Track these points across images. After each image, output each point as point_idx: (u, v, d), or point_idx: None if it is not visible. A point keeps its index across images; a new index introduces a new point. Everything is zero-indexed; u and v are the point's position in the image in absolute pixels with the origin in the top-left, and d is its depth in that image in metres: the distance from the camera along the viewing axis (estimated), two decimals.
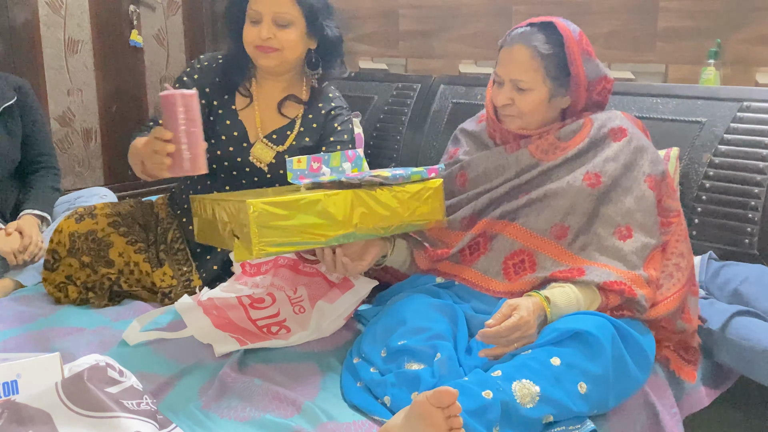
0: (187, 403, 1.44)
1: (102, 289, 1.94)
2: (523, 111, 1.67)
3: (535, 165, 1.69)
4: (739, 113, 2.02)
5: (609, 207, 1.61)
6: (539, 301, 1.49)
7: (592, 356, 1.37)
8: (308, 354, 1.64)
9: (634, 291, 1.52)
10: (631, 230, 1.59)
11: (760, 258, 1.95)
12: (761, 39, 2.07)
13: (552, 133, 1.70)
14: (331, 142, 2.03)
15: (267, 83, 2.05)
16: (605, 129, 1.67)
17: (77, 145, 3.38)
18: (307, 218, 1.53)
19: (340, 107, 2.08)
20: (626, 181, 1.62)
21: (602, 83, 1.70)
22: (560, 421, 1.35)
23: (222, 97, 2.03)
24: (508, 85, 1.67)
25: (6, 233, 2.14)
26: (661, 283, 1.61)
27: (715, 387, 1.76)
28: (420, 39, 2.86)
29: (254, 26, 1.93)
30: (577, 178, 1.63)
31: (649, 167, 1.64)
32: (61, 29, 3.24)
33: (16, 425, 1.07)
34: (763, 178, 1.94)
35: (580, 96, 1.68)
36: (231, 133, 2.01)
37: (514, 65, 1.65)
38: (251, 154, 2.00)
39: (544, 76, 1.64)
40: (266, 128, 2.03)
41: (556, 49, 1.63)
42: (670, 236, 1.65)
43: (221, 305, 1.79)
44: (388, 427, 1.26)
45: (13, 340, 1.72)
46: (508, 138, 1.75)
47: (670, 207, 1.67)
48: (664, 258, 1.63)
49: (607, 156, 1.64)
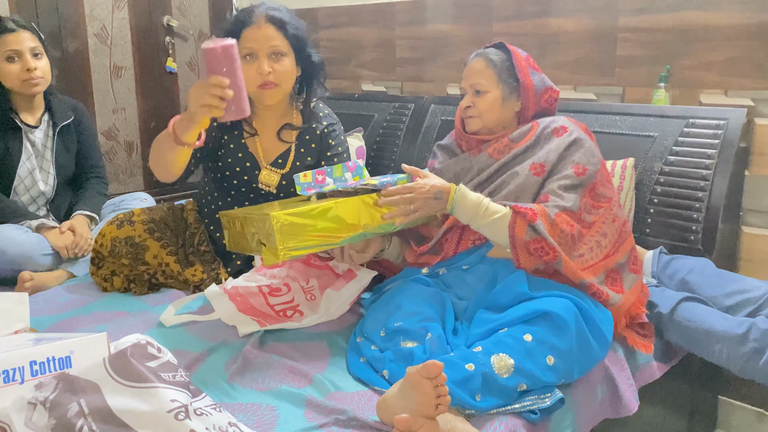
0: (215, 375, 1.45)
1: (141, 281, 1.94)
2: (482, 110, 1.73)
3: (492, 163, 1.73)
4: (685, 129, 2.02)
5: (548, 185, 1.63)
6: (450, 186, 1.57)
7: (559, 333, 1.37)
8: (318, 334, 1.64)
9: (535, 218, 1.52)
10: (548, 197, 1.61)
11: (704, 252, 1.95)
12: (704, 65, 2.07)
13: (507, 137, 1.74)
14: (329, 156, 2.00)
15: (265, 115, 1.98)
16: (549, 129, 1.70)
17: (121, 156, 3.38)
18: (322, 224, 1.54)
19: (331, 124, 2.03)
20: (559, 168, 1.65)
21: (548, 92, 1.76)
22: (533, 390, 1.36)
23: (232, 133, 1.97)
24: (469, 92, 1.74)
25: (60, 231, 2.14)
26: (582, 253, 1.59)
27: (665, 362, 1.76)
28: (414, 65, 2.87)
29: (251, 63, 1.84)
30: (524, 168, 1.66)
31: (580, 157, 1.64)
32: (107, 57, 3.24)
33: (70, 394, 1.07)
34: (706, 184, 1.94)
35: (529, 101, 1.73)
36: (243, 163, 1.96)
37: (472, 74, 1.74)
38: (259, 181, 1.96)
39: (497, 80, 1.71)
40: (270, 156, 1.98)
41: (505, 60, 1.73)
42: (597, 217, 1.64)
43: (244, 293, 1.79)
44: (386, 396, 1.27)
45: (66, 322, 1.73)
46: (472, 144, 1.79)
47: (603, 194, 1.67)
48: (589, 234, 1.62)
49: (550, 148, 1.67)
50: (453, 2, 2.67)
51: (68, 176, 2.38)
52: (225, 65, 1.40)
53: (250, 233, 1.61)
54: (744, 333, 1.61)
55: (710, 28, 2.05)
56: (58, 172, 2.32)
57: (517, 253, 1.55)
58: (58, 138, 2.31)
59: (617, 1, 2.23)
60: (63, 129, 2.33)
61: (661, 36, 2.15)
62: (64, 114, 2.34)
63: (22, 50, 2.16)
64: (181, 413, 1.07)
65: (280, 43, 1.86)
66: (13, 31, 2.15)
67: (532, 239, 1.52)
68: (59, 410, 1.05)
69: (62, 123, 2.32)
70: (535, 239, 1.52)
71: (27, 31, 2.19)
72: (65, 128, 2.33)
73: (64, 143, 2.34)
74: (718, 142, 1.95)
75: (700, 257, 1.92)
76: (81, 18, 3.13)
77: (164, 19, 3.39)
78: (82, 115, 2.42)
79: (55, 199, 2.35)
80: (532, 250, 1.53)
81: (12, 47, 2.15)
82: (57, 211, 2.35)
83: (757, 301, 1.73)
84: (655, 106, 2.13)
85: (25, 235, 2.11)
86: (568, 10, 2.35)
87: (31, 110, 2.29)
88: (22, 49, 2.16)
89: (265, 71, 1.83)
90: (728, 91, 2.05)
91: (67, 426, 1.03)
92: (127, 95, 3.34)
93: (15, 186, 2.25)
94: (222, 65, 1.40)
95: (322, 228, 1.54)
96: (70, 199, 2.40)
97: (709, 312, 1.70)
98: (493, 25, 2.55)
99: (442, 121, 2.59)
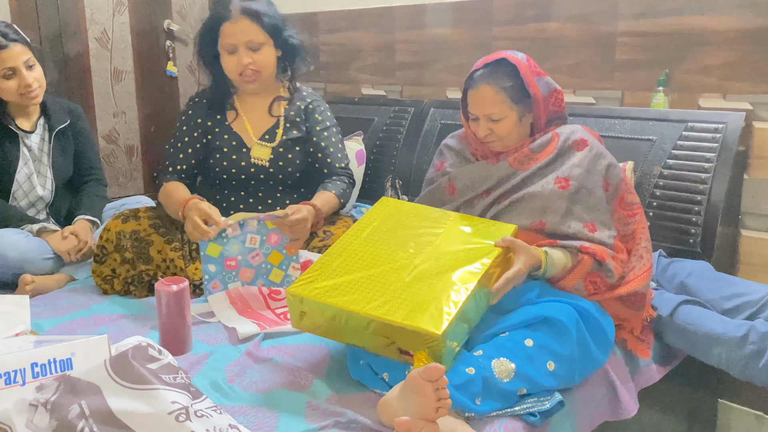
0: (215, 377, 1.44)
1: (141, 283, 1.94)
2: (502, 135, 1.70)
3: (513, 174, 1.70)
4: (684, 132, 2.03)
5: (578, 206, 1.63)
6: (541, 258, 1.52)
7: (560, 339, 1.38)
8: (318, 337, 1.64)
9: (604, 257, 1.55)
10: (595, 226, 1.61)
11: (702, 255, 1.95)
12: (703, 69, 2.08)
13: (526, 146, 1.72)
14: (319, 131, 2.11)
15: (250, 96, 2.11)
16: (569, 141, 1.69)
17: (121, 159, 3.38)
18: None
19: (315, 100, 2.15)
20: (589, 184, 1.64)
21: (554, 95, 1.73)
22: (533, 394, 1.36)
23: (215, 118, 2.10)
24: (483, 120, 1.69)
25: (63, 236, 2.14)
26: (633, 264, 1.63)
27: (664, 365, 1.76)
28: (413, 69, 2.87)
29: (232, 56, 1.98)
30: (549, 182, 1.65)
31: (605, 171, 1.66)
32: (107, 61, 3.25)
33: (71, 396, 1.07)
34: (705, 188, 1.95)
35: (540, 110, 1.71)
36: (230, 143, 2.07)
37: (484, 103, 1.67)
38: (251, 156, 2.04)
39: (510, 104, 1.67)
40: (258, 132, 2.08)
41: (513, 79, 1.66)
42: (636, 225, 1.67)
43: (244, 296, 1.80)
44: (387, 398, 1.27)
45: (67, 324, 1.73)
46: (489, 154, 1.76)
47: (632, 201, 1.70)
48: (635, 243, 1.66)
49: (573, 163, 1.66)
50: (453, 7, 2.68)
51: (66, 180, 2.38)
52: (176, 307, 1.55)
53: (386, 337, 1.35)
54: (743, 336, 1.61)
55: (709, 32, 2.06)
56: (56, 176, 2.32)
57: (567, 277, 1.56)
58: (54, 142, 2.31)
59: (616, 6, 2.24)
60: (59, 133, 2.32)
61: (659, 40, 2.16)
62: (60, 117, 2.33)
63: (17, 66, 2.13)
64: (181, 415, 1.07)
65: (258, 34, 1.98)
66: (5, 48, 2.12)
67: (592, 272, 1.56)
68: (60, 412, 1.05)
69: (59, 127, 2.31)
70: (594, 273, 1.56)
71: (18, 44, 2.15)
72: (62, 132, 2.33)
73: (61, 147, 2.34)
74: (717, 145, 1.95)
75: (699, 260, 1.92)
76: (82, 22, 3.13)
77: (165, 23, 3.40)
78: (79, 118, 2.41)
79: (54, 202, 2.35)
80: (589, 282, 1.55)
81: (7, 65, 2.12)
82: (56, 215, 2.35)
83: (756, 304, 1.73)
84: (654, 109, 2.13)
85: (26, 240, 2.10)
86: (568, 15, 2.35)
87: (27, 115, 2.28)
88: (17, 65, 2.13)
89: (244, 62, 1.96)
90: (727, 94, 2.05)
91: (69, 427, 1.03)
92: (127, 99, 3.35)
93: (13, 191, 2.24)
94: (173, 308, 1.55)
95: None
96: (70, 202, 2.40)
97: (708, 315, 1.71)
98: (492, 30, 2.56)
99: (441, 125, 2.59)
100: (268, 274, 1.86)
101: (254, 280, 1.85)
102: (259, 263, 1.86)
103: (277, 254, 1.87)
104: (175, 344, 1.53)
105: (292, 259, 1.87)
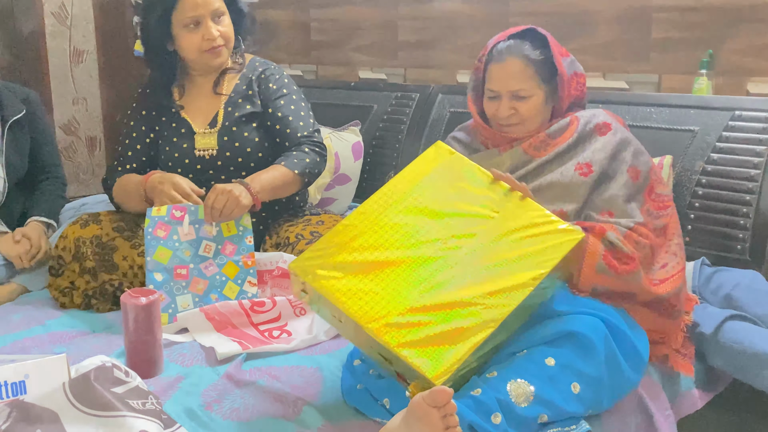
0: (190, 403, 1.45)
1: (105, 295, 1.95)
2: (525, 117, 1.72)
3: (529, 160, 1.73)
4: (731, 122, 2.03)
5: (596, 193, 1.66)
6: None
7: (586, 357, 1.38)
8: (309, 357, 1.65)
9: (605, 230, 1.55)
10: (613, 215, 1.63)
11: (752, 264, 1.96)
12: (752, 50, 2.08)
13: (543, 131, 1.74)
14: (275, 100, 2.14)
15: (199, 77, 2.16)
16: (591, 125, 1.72)
17: (82, 153, 3.39)
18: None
19: (268, 68, 2.20)
20: (611, 170, 1.66)
21: (576, 78, 1.75)
22: (556, 422, 1.36)
23: (162, 107, 2.15)
24: (506, 98, 1.71)
25: (14, 240, 2.15)
26: (666, 261, 1.64)
27: (708, 390, 1.77)
28: (419, 49, 2.88)
29: (196, 31, 2.03)
30: (569, 169, 1.68)
31: (632, 158, 1.68)
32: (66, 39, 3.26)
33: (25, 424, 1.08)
34: (755, 186, 1.96)
35: (564, 93, 1.73)
36: (179, 131, 2.11)
37: (511, 78, 1.69)
38: (195, 147, 2.09)
39: (539, 80, 1.70)
40: (206, 118, 2.13)
41: (543, 53, 1.70)
42: (668, 218, 1.69)
43: (223, 311, 1.80)
44: (387, 428, 1.26)
45: (20, 343, 1.74)
46: (501, 141, 1.78)
47: (663, 192, 1.71)
48: (666, 239, 1.67)
49: (596, 148, 1.68)
50: None
51: (20, 177, 2.38)
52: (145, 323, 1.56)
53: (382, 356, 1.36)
54: None
55: (758, 7, 2.06)
56: (8, 174, 2.31)
57: (581, 269, 1.55)
58: (8, 135, 2.31)
59: None
60: (13, 125, 2.32)
61: (702, 16, 2.16)
62: (15, 107, 2.33)
63: None
64: None
65: (220, 3, 2.05)
66: None
67: (607, 252, 1.54)
68: None
69: (12, 118, 2.31)
70: (611, 252, 1.55)
71: None
72: (16, 124, 2.32)
73: (15, 141, 2.33)
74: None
75: (747, 270, 1.93)
76: None
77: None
78: (36, 107, 2.41)
79: (6, 203, 2.35)
80: (607, 265, 1.54)
81: None
82: (8, 218, 2.35)
83: None
84: (696, 96, 2.14)
85: None
86: None
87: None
88: None
89: (214, 35, 2.03)
90: None
91: None
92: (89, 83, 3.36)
93: None
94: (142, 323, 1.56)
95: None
96: (23, 202, 2.40)
97: (758, 332, 1.71)
98: (509, 4, 2.57)
99: (451, 114, 2.60)
100: (222, 287, 1.88)
101: (207, 293, 1.86)
102: (213, 274, 1.88)
103: (233, 266, 1.89)
104: (145, 365, 1.54)
105: (249, 273, 1.89)
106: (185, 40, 2.05)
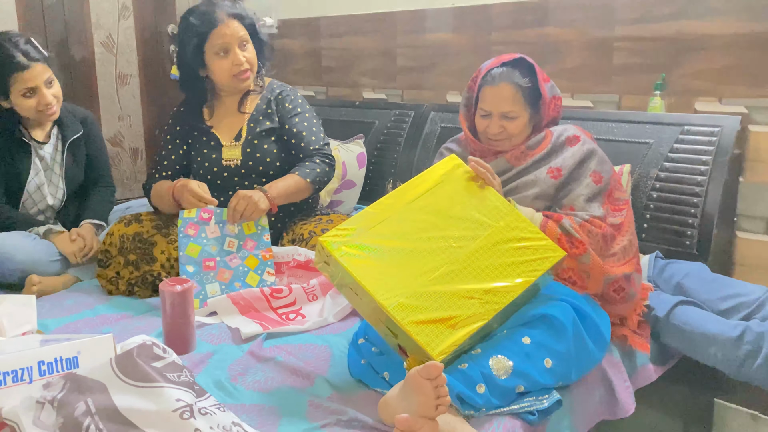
0: (218, 376, 1.45)
1: (145, 283, 1.95)
2: (512, 134, 1.73)
3: (510, 168, 1.74)
4: (681, 136, 2.03)
5: (563, 192, 1.67)
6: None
7: (557, 336, 1.38)
8: (321, 336, 1.65)
9: (562, 218, 1.59)
10: (573, 209, 1.64)
11: (699, 256, 1.95)
12: (699, 74, 2.09)
13: (522, 145, 1.75)
14: (290, 118, 2.14)
15: (226, 97, 2.16)
16: (562, 138, 1.73)
17: (126, 162, 3.39)
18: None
19: (284, 90, 2.20)
20: (577, 174, 1.68)
21: (555, 101, 1.76)
22: (531, 392, 1.36)
23: (195, 123, 2.15)
24: (496, 117, 1.71)
25: (71, 239, 2.15)
26: (615, 252, 1.64)
27: (661, 365, 1.76)
28: (414, 73, 2.88)
29: (225, 58, 2.04)
30: (542, 173, 1.69)
31: (596, 165, 1.69)
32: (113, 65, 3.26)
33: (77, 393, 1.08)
34: (701, 190, 1.95)
35: (545, 113, 1.74)
36: (209, 144, 2.11)
37: (502, 100, 1.70)
38: (223, 158, 2.10)
39: (524, 103, 1.71)
40: (232, 132, 2.12)
41: (531, 80, 1.70)
42: (623, 219, 1.69)
43: (247, 296, 1.80)
44: (387, 397, 1.27)
45: (73, 324, 1.74)
46: (487, 153, 1.78)
47: (620, 197, 1.71)
48: (620, 235, 1.67)
49: (566, 156, 1.69)
50: (453, 12, 2.69)
51: (77, 187, 2.38)
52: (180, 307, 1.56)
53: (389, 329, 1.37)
54: (739, 336, 1.61)
55: (704, 37, 2.06)
56: (67, 185, 2.31)
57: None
58: (68, 152, 2.30)
59: (614, 11, 2.24)
60: (73, 143, 2.31)
61: (656, 45, 2.16)
62: (74, 128, 2.31)
63: (37, 86, 2.11)
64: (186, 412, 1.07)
65: (244, 33, 2.06)
66: (27, 68, 2.07)
67: (561, 235, 1.57)
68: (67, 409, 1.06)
69: (72, 137, 2.29)
70: (565, 237, 1.57)
71: (39, 63, 2.10)
72: (75, 141, 2.31)
73: (73, 157, 2.32)
74: (713, 149, 1.96)
75: (695, 262, 1.93)
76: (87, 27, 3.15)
77: (169, 27, 3.42)
78: (92, 127, 2.39)
79: (63, 207, 2.35)
80: (561, 247, 1.54)
81: (28, 85, 2.09)
82: (65, 219, 2.35)
83: (751, 305, 1.73)
84: (651, 113, 2.14)
85: (33, 243, 2.11)
86: (566, 20, 2.36)
87: (41, 126, 2.26)
88: (37, 85, 2.10)
89: (241, 61, 2.04)
90: (722, 98, 2.06)
91: (75, 424, 1.04)
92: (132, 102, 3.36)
93: (23, 201, 2.23)
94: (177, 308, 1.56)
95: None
96: (78, 206, 2.40)
97: (704, 315, 1.71)
98: (492, 34, 2.57)
99: (441, 128, 2.60)
100: (245, 276, 1.89)
101: (231, 281, 1.87)
102: (237, 265, 1.89)
103: (254, 259, 1.90)
104: (180, 343, 1.54)
105: (267, 265, 1.90)
106: (216, 65, 2.05)
